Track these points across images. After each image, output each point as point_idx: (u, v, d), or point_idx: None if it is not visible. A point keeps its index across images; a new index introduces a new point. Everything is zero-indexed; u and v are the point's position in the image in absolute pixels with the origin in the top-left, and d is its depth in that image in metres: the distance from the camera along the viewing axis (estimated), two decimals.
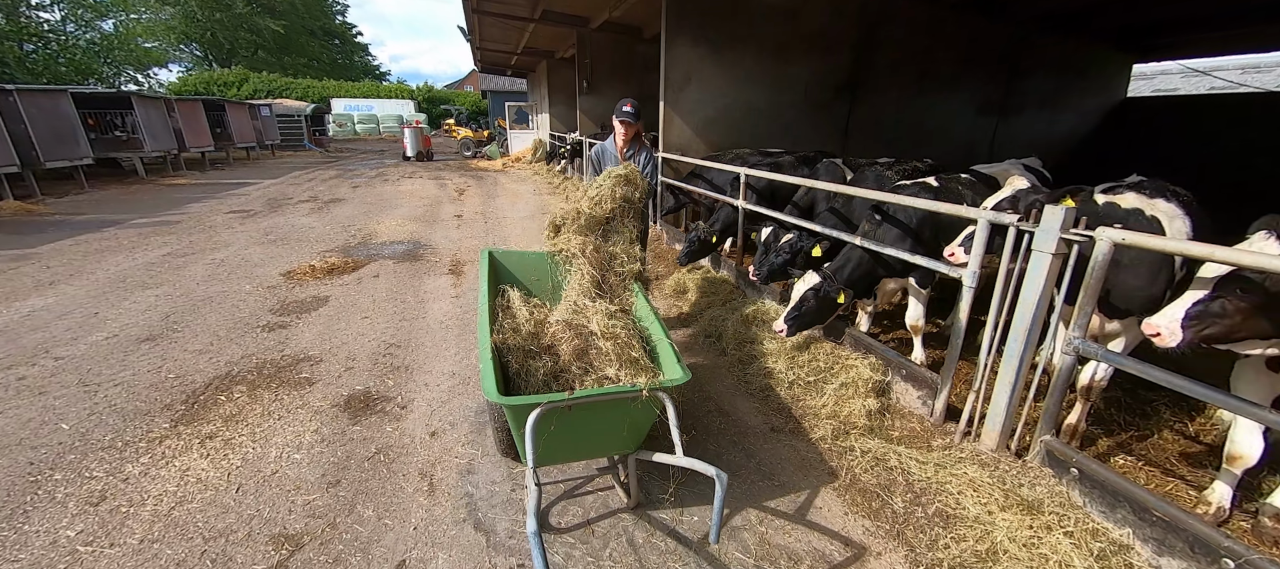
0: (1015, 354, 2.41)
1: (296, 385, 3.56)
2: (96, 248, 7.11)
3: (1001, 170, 3.99)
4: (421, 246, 7.42)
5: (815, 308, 3.19)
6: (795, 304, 3.22)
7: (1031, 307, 2.32)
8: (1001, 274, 2.47)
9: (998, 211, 2.54)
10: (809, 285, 3.19)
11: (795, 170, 5.18)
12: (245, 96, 33.87)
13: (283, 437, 2.99)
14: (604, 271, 2.54)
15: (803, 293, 3.20)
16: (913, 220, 3.27)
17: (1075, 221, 2.16)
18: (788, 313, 3.24)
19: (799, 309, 3.20)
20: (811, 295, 3.18)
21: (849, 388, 3.20)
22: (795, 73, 8.01)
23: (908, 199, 3.06)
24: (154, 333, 4.36)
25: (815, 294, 3.17)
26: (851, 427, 3.00)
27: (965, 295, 2.65)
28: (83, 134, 11.80)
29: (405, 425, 3.12)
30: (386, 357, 4.00)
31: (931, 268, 2.85)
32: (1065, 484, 2.27)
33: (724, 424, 3.19)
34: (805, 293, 3.19)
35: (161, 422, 3.11)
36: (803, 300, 3.20)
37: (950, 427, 2.91)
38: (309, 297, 5.28)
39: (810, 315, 3.22)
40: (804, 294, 3.20)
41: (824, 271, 3.20)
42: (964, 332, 2.73)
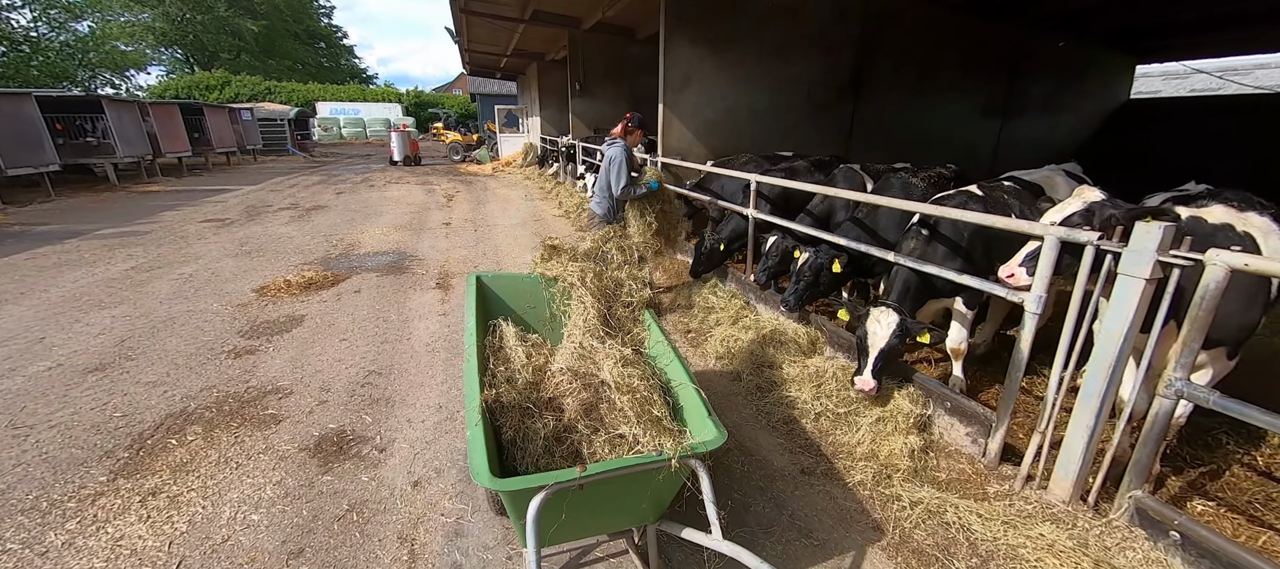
0: (1095, 393, 2.08)
1: (261, 424, 3.14)
2: (54, 262, 6.59)
3: (1044, 176, 3.69)
4: (407, 257, 7.00)
5: (898, 350, 2.78)
6: (884, 351, 2.73)
7: (1117, 339, 1.99)
8: (1076, 300, 2.14)
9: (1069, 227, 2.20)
10: (892, 328, 2.71)
11: (810, 176, 4.84)
12: (227, 100, 33.04)
13: (239, 491, 2.57)
14: (610, 302, 2.16)
15: (889, 338, 2.71)
16: (964, 236, 2.91)
17: (1175, 240, 1.84)
18: (874, 363, 2.76)
19: (887, 356, 2.74)
20: (897, 338, 2.71)
21: (886, 422, 2.85)
22: (797, 73, 7.72)
23: (961, 213, 2.68)
24: (104, 361, 3.91)
25: (902, 334, 2.71)
26: (893, 469, 2.65)
27: (1028, 323, 2.32)
28: (49, 139, 11.19)
29: (383, 473, 2.72)
30: (365, 387, 3.59)
31: (989, 291, 2.50)
32: (1164, 550, 1.94)
33: (747, 466, 2.83)
34: (892, 338, 2.71)
35: (98, 473, 2.68)
36: (890, 348, 2.72)
37: (1007, 470, 2.57)
38: (282, 316, 4.84)
39: (894, 360, 2.83)
40: (890, 340, 2.71)
41: (898, 307, 2.78)
42: (1025, 363, 2.39)
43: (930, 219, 2.98)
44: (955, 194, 3.07)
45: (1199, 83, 23.04)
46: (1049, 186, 3.53)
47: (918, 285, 2.95)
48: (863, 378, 2.79)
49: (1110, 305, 2.00)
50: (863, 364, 2.82)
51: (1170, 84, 23.68)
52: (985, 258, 2.84)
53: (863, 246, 3.36)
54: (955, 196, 3.02)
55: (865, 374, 2.79)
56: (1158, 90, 21.44)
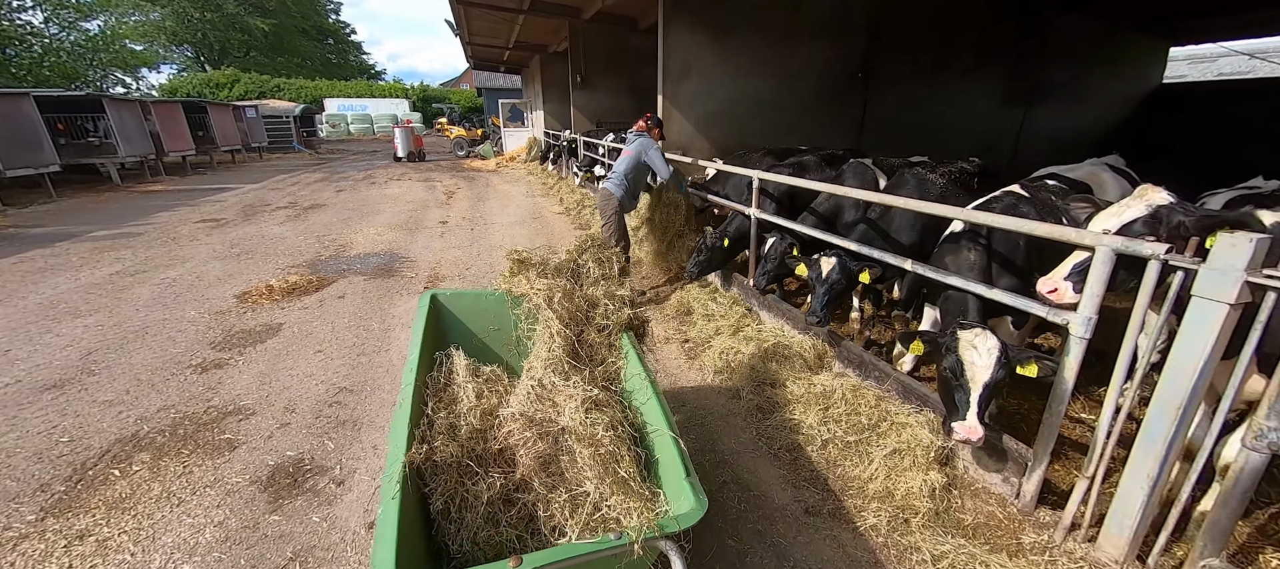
0: (1159, 437, 1.73)
1: (214, 450, 2.89)
2: (41, 266, 6.44)
3: (1088, 173, 3.28)
4: (398, 259, 6.75)
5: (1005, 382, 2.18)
6: (990, 385, 2.09)
7: (1190, 375, 1.63)
8: (1135, 325, 1.78)
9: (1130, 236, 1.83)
10: (995, 356, 2.08)
11: (819, 172, 4.47)
12: (237, 97, 33.19)
13: (175, 533, 2.31)
14: (581, 326, 1.85)
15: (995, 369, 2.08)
16: (1019, 245, 2.48)
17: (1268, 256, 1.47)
18: (981, 405, 2.10)
19: (994, 391, 2.14)
20: (1004, 369, 2.09)
21: (903, 455, 2.52)
22: (804, 61, 7.30)
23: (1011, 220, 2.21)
24: (65, 377, 3.69)
25: (1007, 363, 2.11)
26: (912, 511, 2.31)
27: (1074, 349, 1.96)
28: (48, 139, 11.12)
29: (337, 512, 2.45)
30: (332, 407, 3.33)
31: (1028, 310, 2.12)
32: None
33: (744, 503, 2.51)
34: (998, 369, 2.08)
35: (29, 510, 2.45)
36: (997, 381, 2.09)
37: (1045, 515, 2.23)
38: (259, 325, 4.60)
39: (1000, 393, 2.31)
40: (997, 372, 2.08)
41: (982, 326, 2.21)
42: (1069, 394, 2.04)
43: (971, 225, 2.55)
44: (1002, 195, 2.66)
45: (1227, 66, 21.99)
46: (1096, 185, 3.12)
47: (978, 303, 2.46)
48: (966, 424, 2.09)
49: (1182, 334, 1.64)
50: (962, 404, 2.12)
51: (1196, 68, 22.63)
52: (1033, 270, 2.44)
53: (874, 252, 2.99)
54: (1001, 198, 2.61)
55: (970, 418, 2.09)
56: (1183, 75, 20.45)
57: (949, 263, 2.63)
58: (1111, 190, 3.15)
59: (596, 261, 2.31)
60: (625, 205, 4.74)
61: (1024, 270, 2.48)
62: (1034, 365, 2.11)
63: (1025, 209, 2.53)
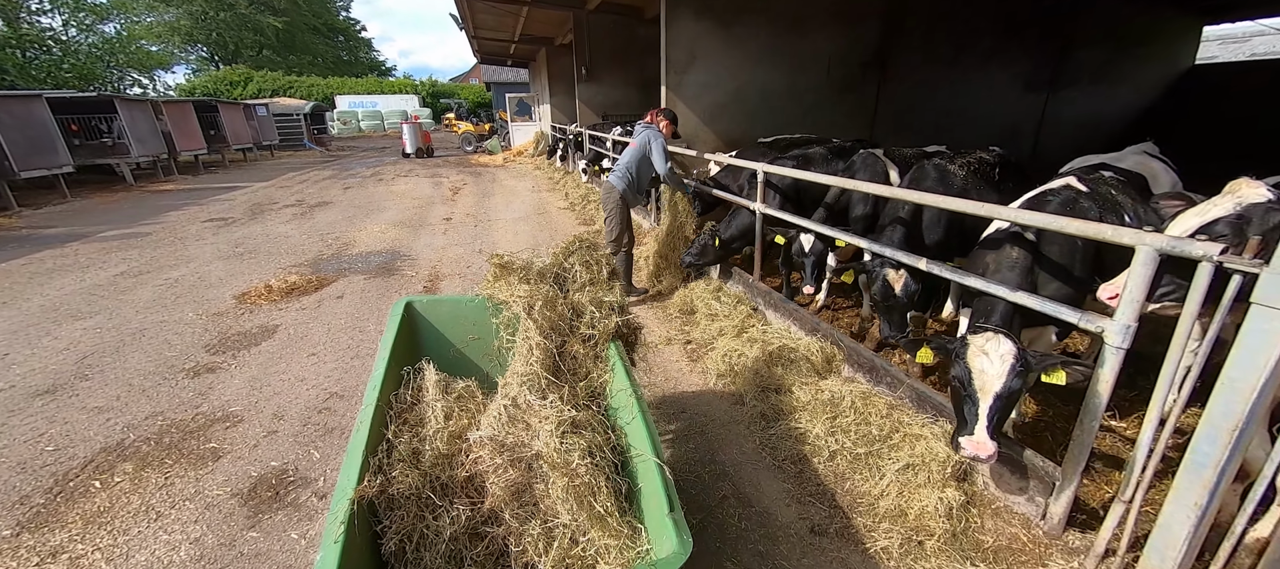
0: (1210, 463, 1.53)
1: (198, 460, 2.81)
2: (49, 267, 6.49)
3: (1137, 162, 3.02)
4: (400, 257, 6.67)
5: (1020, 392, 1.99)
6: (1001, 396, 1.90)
7: (1248, 394, 1.43)
8: (1182, 332, 1.58)
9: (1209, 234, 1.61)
10: (1011, 362, 1.89)
11: (828, 163, 4.25)
12: (250, 96, 33.57)
13: (150, 551, 2.23)
14: (564, 337, 1.70)
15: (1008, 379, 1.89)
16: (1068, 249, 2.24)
17: None
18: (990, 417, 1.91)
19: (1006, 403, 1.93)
20: (1019, 379, 1.90)
21: (917, 470, 2.34)
22: (815, 48, 7.02)
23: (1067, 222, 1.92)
24: (58, 382, 3.66)
25: (1024, 372, 1.91)
26: (927, 533, 2.14)
27: (1110, 360, 1.76)
28: (61, 141, 11.26)
29: (317, 530, 2.34)
30: (322, 413, 3.23)
31: (1063, 318, 1.89)
32: None
33: (746, 520, 2.35)
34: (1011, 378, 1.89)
35: (4, 525, 2.38)
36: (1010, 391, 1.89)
37: (1074, 539, 2.04)
38: (256, 327, 4.54)
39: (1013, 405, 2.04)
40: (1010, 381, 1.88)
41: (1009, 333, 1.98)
42: (1103, 408, 1.84)
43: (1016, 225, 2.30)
44: (1061, 188, 2.41)
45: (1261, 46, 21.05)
46: (1149, 175, 2.86)
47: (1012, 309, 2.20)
48: (973, 439, 1.91)
49: (1240, 346, 1.44)
50: (971, 417, 1.93)
51: (1227, 49, 21.69)
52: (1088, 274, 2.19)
53: (900, 255, 2.78)
54: (1061, 192, 2.37)
55: (976, 432, 1.90)
56: (1214, 56, 19.57)
57: (990, 263, 2.39)
58: (1163, 181, 2.89)
59: (584, 264, 2.16)
60: (629, 199, 4.58)
61: (1080, 275, 2.24)
62: (1062, 372, 1.91)
63: (1085, 205, 2.28)
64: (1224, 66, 12.58)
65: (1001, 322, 2.17)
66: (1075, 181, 2.44)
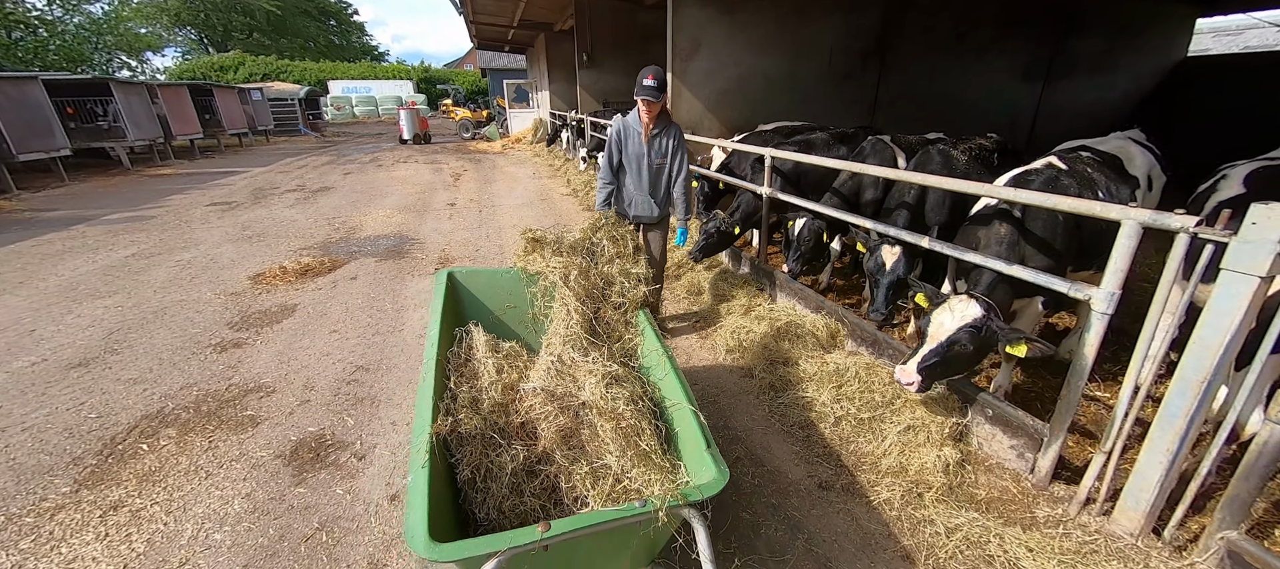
0: (1181, 411, 1.72)
1: (238, 426, 2.96)
2: (59, 249, 6.54)
3: (1116, 146, 3.21)
4: (408, 241, 6.78)
5: (971, 354, 2.22)
6: (943, 344, 2.19)
7: (1216, 349, 1.61)
8: (1160, 298, 1.76)
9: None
10: (967, 322, 2.15)
11: (830, 149, 4.41)
12: (241, 80, 33.07)
13: (205, 504, 2.38)
14: (598, 303, 1.85)
15: (955, 332, 2.17)
16: (1052, 224, 2.43)
17: None
18: (927, 357, 2.20)
19: (945, 353, 2.19)
20: (967, 336, 2.15)
21: (917, 431, 2.53)
22: (817, 36, 7.13)
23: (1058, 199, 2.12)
24: (89, 356, 3.78)
25: (975, 334, 2.15)
26: (925, 486, 2.33)
27: (1096, 324, 1.95)
28: (58, 124, 11.17)
29: (360, 485, 2.50)
30: (351, 384, 3.38)
31: (1053, 287, 2.08)
32: None
33: (758, 478, 2.54)
34: (959, 333, 2.15)
35: (63, 484, 2.53)
36: (953, 343, 2.17)
37: (1059, 490, 2.24)
38: (274, 306, 4.66)
39: (958, 363, 2.26)
40: (956, 334, 2.16)
41: (984, 300, 2.23)
42: (1088, 371, 2.03)
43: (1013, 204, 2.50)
44: (1044, 168, 2.60)
45: (1254, 39, 21.23)
46: (1125, 157, 3.05)
47: (1003, 287, 2.42)
48: (904, 368, 2.24)
49: (1209, 308, 1.62)
50: (912, 353, 2.27)
51: (1220, 41, 21.89)
52: (1077, 248, 2.39)
53: (906, 235, 2.95)
54: (1043, 171, 2.55)
55: (908, 364, 2.23)
56: (1207, 48, 19.76)
57: (979, 239, 2.59)
58: (1139, 163, 3.08)
59: (611, 240, 2.31)
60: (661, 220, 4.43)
61: (1061, 247, 2.43)
62: (1023, 345, 2.12)
63: (1066, 183, 2.47)
64: (1216, 59, 12.79)
65: (986, 290, 2.37)
66: (1056, 160, 2.62)
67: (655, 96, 2.91)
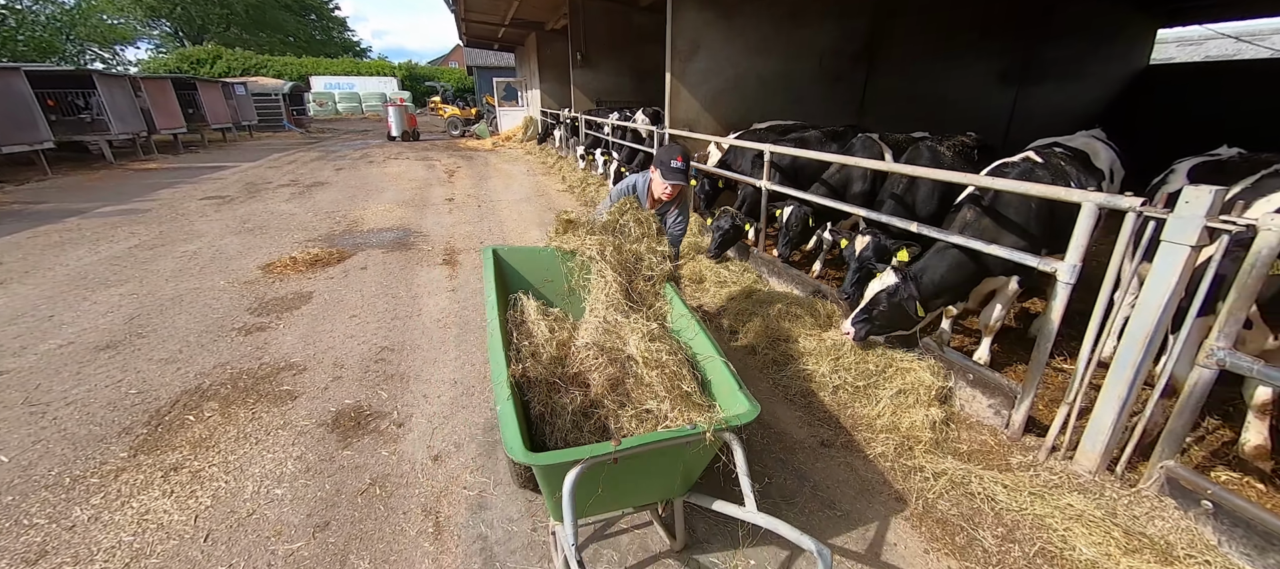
0: (1129, 362, 2.04)
1: (277, 400, 3.13)
2: (56, 240, 6.53)
3: (1084, 143, 3.58)
4: (412, 234, 6.92)
5: (886, 314, 2.77)
6: (865, 306, 2.79)
7: (1156, 309, 1.94)
8: (1113, 269, 2.09)
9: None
10: (883, 286, 2.75)
11: (823, 146, 4.72)
12: (218, 74, 32.37)
13: (261, 465, 2.57)
14: (631, 276, 2.11)
15: (875, 293, 2.77)
16: (1026, 210, 2.79)
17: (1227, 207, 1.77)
18: (856, 314, 2.82)
19: (869, 312, 2.77)
20: (884, 299, 2.74)
21: (907, 395, 2.83)
22: (810, 40, 7.48)
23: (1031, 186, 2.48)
24: (115, 339, 3.89)
25: (888, 297, 2.73)
26: (915, 440, 2.64)
27: (1061, 294, 2.27)
28: (41, 116, 10.97)
29: (403, 448, 2.71)
30: (379, 363, 3.57)
31: (1027, 263, 2.41)
32: (1195, 519, 1.93)
33: (766, 438, 2.82)
34: (878, 294, 2.75)
35: (119, 450, 2.68)
36: (874, 302, 2.76)
37: (1031, 441, 2.56)
38: (290, 293, 4.80)
39: (882, 321, 2.78)
40: (876, 295, 2.76)
41: (905, 271, 2.75)
42: (1054, 335, 2.35)
43: (987, 190, 2.87)
44: (1021, 160, 2.97)
45: (1214, 49, 22.40)
46: (1091, 153, 3.42)
47: (968, 263, 2.85)
48: (845, 325, 2.91)
49: (1152, 274, 1.94)
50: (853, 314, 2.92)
51: (1184, 50, 23.03)
52: (1047, 232, 2.74)
53: (895, 220, 3.27)
54: (1020, 163, 2.92)
55: (846, 322, 2.93)
56: (1171, 57, 20.80)
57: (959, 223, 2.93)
58: (1103, 157, 3.45)
59: (636, 222, 2.56)
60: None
61: (1035, 231, 2.77)
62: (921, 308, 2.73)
63: (1040, 174, 2.81)
64: (1175, 66, 13.61)
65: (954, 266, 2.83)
66: (1033, 155, 2.96)
67: (684, 179, 2.66)
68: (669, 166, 2.64)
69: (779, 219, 4.40)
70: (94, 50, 30.93)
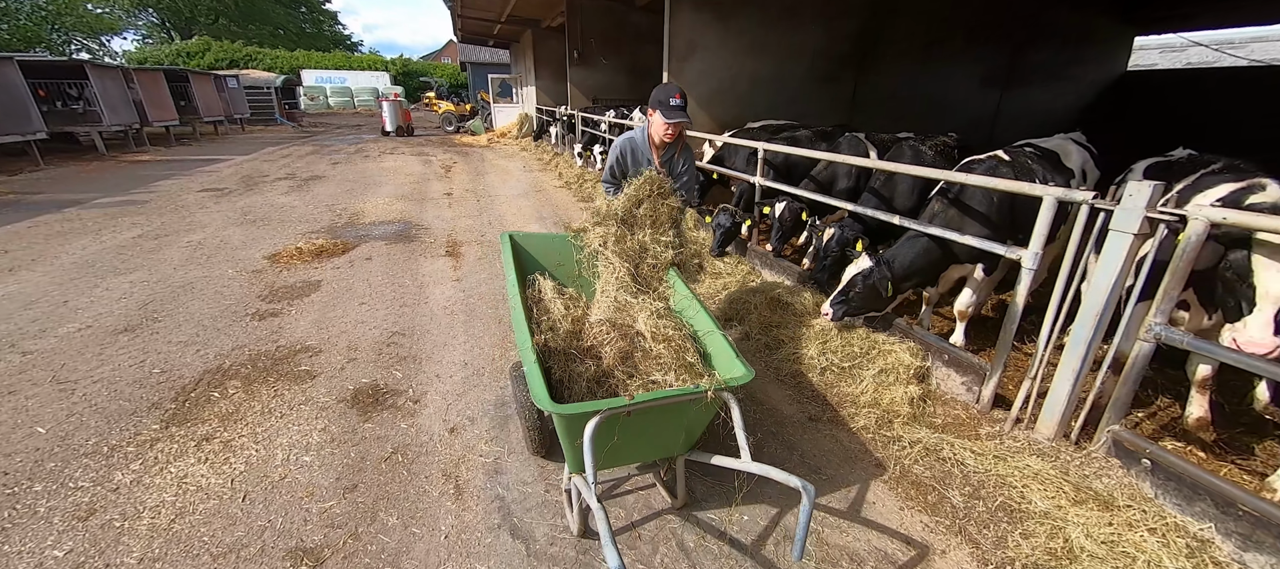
0: (1082, 340, 2.29)
1: (296, 379, 3.30)
2: (58, 230, 6.59)
3: (1056, 144, 3.85)
4: (413, 227, 7.07)
5: (862, 294, 3.02)
6: (842, 288, 3.04)
7: (1104, 291, 2.18)
8: (1069, 256, 2.33)
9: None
10: (859, 269, 2.99)
11: (813, 145, 4.96)
12: (208, 67, 32.02)
13: (288, 436, 2.74)
14: (636, 262, 2.31)
15: (851, 277, 3.01)
16: (989, 202, 3.05)
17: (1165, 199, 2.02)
18: (835, 296, 3.07)
19: (846, 294, 3.03)
20: (859, 280, 3.00)
21: (888, 374, 3.07)
22: (802, 41, 7.73)
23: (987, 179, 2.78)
24: (132, 323, 4.02)
25: (863, 279, 2.99)
26: (894, 415, 2.88)
27: (1024, 279, 2.51)
28: (35, 107, 10.93)
29: (420, 421, 2.90)
30: (391, 346, 3.74)
31: (997, 253, 2.66)
32: (1135, 476, 2.18)
33: (759, 414, 3.04)
34: (854, 277, 3.01)
35: (150, 422, 2.84)
36: (850, 285, 3.02)
37: (998, 414, 2.81)
38: (299, 281, 4.95)
39: (858, 302, 3.03)
40: (852, 278, 3.02)
41: (878, 256, 3.01)
42: (1019, 317, 2.59)
43: (954, 185, 3.12)
44: (987, 158, 3.22)
45: (1196, 56, 23.08)
46: (1063, 154, 3.69)
47: (935, 250, 3.10)
48: (825, 306, 3.21)
49: (1101, 259, 2.19)
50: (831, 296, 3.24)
51: (1167, 57, 23.70)
52: (1011, 224, 2.99)
53: (876, 213, 3.52)
54: (986, 160, 3.17)
55: (826, 304, 3.22)
56: (1154, 63, 21.42)
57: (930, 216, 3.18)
58: (1075, 158, 3.72)
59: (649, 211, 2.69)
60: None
61: (998, 221, 3.03)
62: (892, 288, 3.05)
63: (1003, 171, 3.06)
64: (1151, 73, 14.11)
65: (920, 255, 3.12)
66: (1001, 154, 3.22)
67: (683, 116, 2.66)
68: (669, 105, 2.61)
69: (771, 214, 4.64)
70: (80, 40, 30.45)
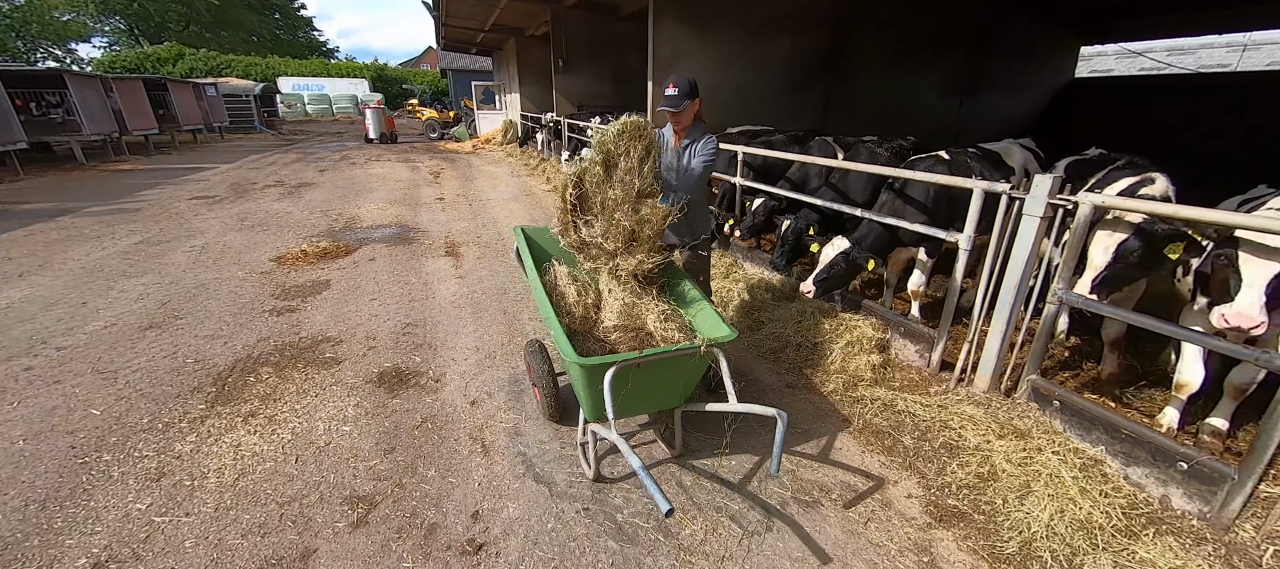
0: (1006, 306, 2.77)
1: (324, 364, 3.61)
2: (56, 238, 6.70)
3: (1001, 147, 4.39)
4: (410, 230, 7.35)
5: (844, 271, 3.46)
6: (825, 267, 3.46)
7: (1021, 264, 2.67)
8: (994, 238, 2.82)
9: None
10: (838, 250, 3.42)
11: (787, 148, 5.45)
12: (182, 74, 31.46)
13: (326, 411, 3.06)
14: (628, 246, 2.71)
15: (832, 257, 3.44)
16: (927, 194, 3.55)
17: (1062, 190, 2.51)
18: (816, 275, 3.49)
19: (828, 272, 3.45)
20: (841, 260, 3.42)
21: (854, 346, 3.53)
22: (777, 52, 8.26)
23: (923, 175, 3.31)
24: (155, 321, 4.26)
25: (845, 258, 3.42)
26: (859, 379, 3.33)
27: (961, 259, 3.00)
28: (14, 116, 10.85)
29: (444, 396, 3.25)
30: (407, 335, 4.07)
31: (937, 237, 3.15)
32: (1048, 415, 2.66)
33: (744, 384, 3.47)
34: (835, 257, 3.42)
35: (196, 403, 3.13)
36: (832, 264, 3.44)
37: (945, 376, 3.28)
38: (308, 281, 5.22)
39: (838, 278, 3.48)
40: (834, 258, 3.43)
41: (852, 238, 3.45)
42: (959, 292, 3.07)
43: (899, 180, 3.61)
44: (927, 157, 3.72)
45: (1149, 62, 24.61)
46: (1005, 154, 4.23)
47: (885, 234, 3.62)
48: (806, 284, 3.56)
49: (1017, 239, 2.68)
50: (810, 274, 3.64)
51: (1122, 63, 25.24)
52: (948, 213, 3.49)
53: (837, 206, 4.00)
54: (926, 159, 3.67)
55: (808, 282, 3.58)
56: (1111, 69, 22.84)
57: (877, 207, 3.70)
58: (1016, 158, 4.28)
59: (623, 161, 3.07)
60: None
61: (934, 210, 3.53)
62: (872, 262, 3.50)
63: (940, 169, 3.56)
64: (1095, 80, 15.26)
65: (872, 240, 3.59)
66: (942, 153, 3.72)
67: (676, 105, 2.65)
68: (662, 97, 2.64)
69: (749, 210, 5.10)
70: (46, 48, 29.62)
